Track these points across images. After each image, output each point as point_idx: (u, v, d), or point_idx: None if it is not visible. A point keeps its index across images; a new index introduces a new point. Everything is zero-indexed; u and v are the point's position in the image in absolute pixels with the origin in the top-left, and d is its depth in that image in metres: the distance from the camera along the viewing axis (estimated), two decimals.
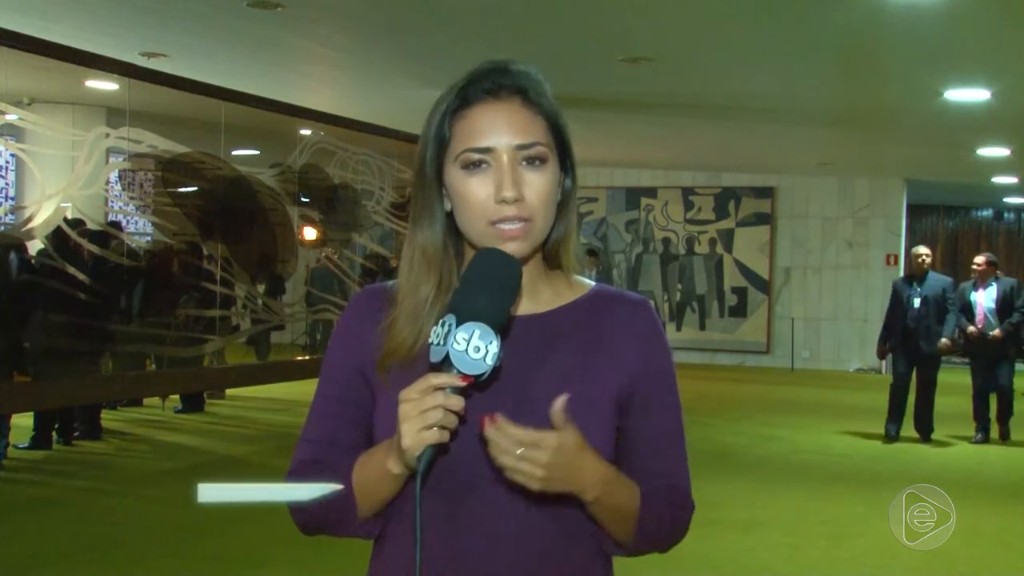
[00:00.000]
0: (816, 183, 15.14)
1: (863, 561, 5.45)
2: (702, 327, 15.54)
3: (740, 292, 15.39)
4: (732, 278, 15.42)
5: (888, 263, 14.76)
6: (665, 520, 1.35)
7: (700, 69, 7.76)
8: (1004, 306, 8.98)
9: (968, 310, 9.12)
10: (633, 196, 15.85)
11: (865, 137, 11.06)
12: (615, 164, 15.36)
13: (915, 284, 8.98)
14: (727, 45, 6.93)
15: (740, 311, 15.40)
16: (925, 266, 8.99)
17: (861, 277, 14.79)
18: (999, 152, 11.26)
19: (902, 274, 9.41)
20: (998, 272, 10.23)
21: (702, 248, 15.55)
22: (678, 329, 15.45)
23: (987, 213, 19.68)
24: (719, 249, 15.46)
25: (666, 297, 15.70)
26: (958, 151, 11.49)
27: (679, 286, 15.66)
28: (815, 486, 7.12)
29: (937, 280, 9.06)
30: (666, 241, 15.73)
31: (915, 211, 17.07)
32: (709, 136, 11.54)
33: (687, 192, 15.58)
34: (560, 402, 1.19)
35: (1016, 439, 9.35)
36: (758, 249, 15.27)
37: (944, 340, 8.83)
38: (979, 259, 9.38)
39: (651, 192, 15.78)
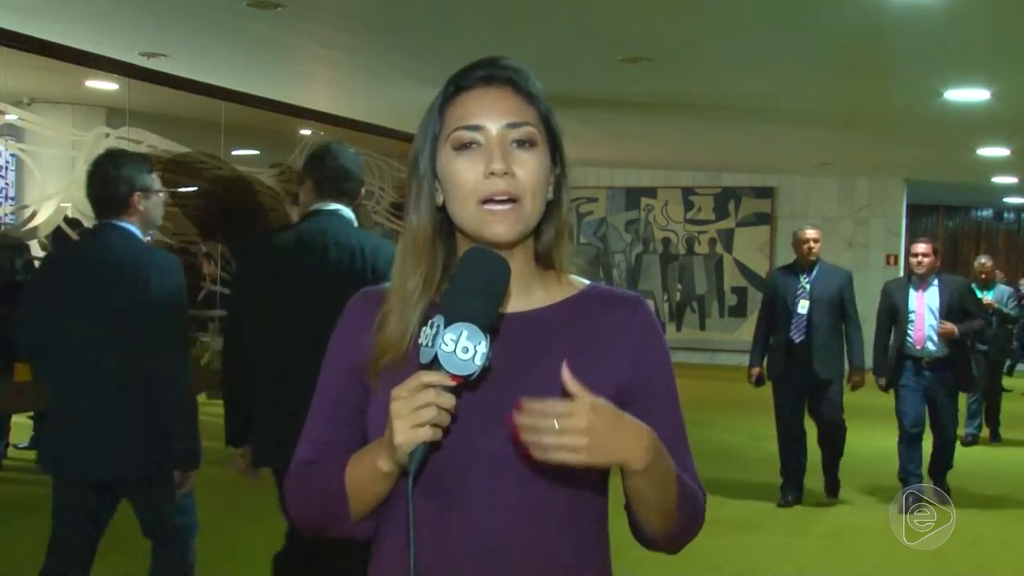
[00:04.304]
0: (816, 183, 15.14)
1: (863, 561, 5.45)
2: (702, 327, 15.54)
3: (740, 292, 15.39)
4: (732, 278, 15.42)
5: (888, 263, 14.76)
6: (692, 505, 1.35)
7: (700, 69, 7.76)
8: (951, 315, 6.26)
9: (900, 318, 6.38)
10: (633, 196, 15.85)
11: (865, 137, 11.05)
12: (615, 164, 15.35)
13: (801, 278, 6.39)
14: (727, 45, 6.93)
15: (740, 311, 15.39)
16: (814, 254, 6.40)
17: (861, 278, 14.72)
18: (999, 152, 11.26)
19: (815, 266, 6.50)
20: (993, 275, 9.74)
21: (702, 248, 15.55)
22: (678, 329, 15.45)
23: (987, 213, 19.70)
24: (719, 249, 15.46)
25: (666, 297, 15.70)
26: (958, 151, 11.48)
27: (679, 286, 15.66)
28: (815, 486, 7.12)
29: (831, 274, 6.45)
30: (666, 241, 15.73)
31: (915, 211, 17.09)
32: (709, 136, 11.54)
33: (687, 192, 15.58)
34: (566, 371, 1.17)
35: (1015, 439, 9.35)
36: (758, 249, 15.27)
37: (855, 371, 6.41)
38: (921, 246, 6.39)
39: (651, 192, 15.78)
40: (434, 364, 1.18)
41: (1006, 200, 18.34)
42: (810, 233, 6.43)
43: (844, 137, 11.14)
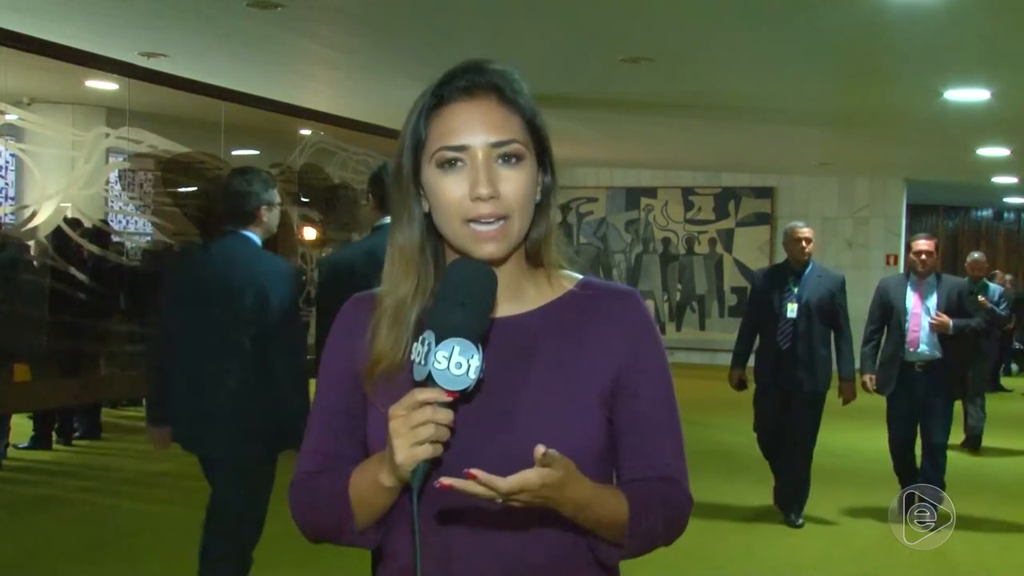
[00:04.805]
0: (816, 183, 15.14)
1: (863, 561, 5.45)
2: (702, 327, 15.54)
3: (740, 292, 15.38)
4: (732, 278, 15.41)
5: (888, 263, 14.75)
6: (658, 522, 1.32)
7: (700, 69, 7.76)
8: (952, 314, 5.88)
9: (896, 318, 6.00)
10: (633, 196, 15.84)
11: (865, 137, 11.05)
12: (615, 164, 15.35)
13: (791, 282, 5.96)
14: (727, 45, 6.93)
15: (740, 311, 15.37)
16: (807, 254, 5.96)
17: (861, 278, 14.76)
18: (999, 152, 11.26)
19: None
20: (986, 272, 9.36)
21: (702, 248, 15.54)
22: (678, 329, 15.45)
23: (987, 213, 19.70)
24: (719, 249, 15.46)
25: (666, 297, 15.70)
26: (958, 151, 11.48)
27: (679, 286, 15.66)
28: (815, 486, 7.09)
29: (823, 276, 6.01)
30: (666, 241, 15.73)
31: (915, 211, 17.09)
32: (709, 136, 11.54)
33: (687, 192, 15.58)
34: (539, 450, 1.16)
35: (1015, 439, 9.34)
36: (758, 249, 15.27)
37: (846, 383, 5.95)
38: (923, 243, 6.00)
39: (651, 192, 15.77)
40: (428, 381, 1.17)
41: (1006, 200, 18.34)
42: (805, 231, 5.97)
43: (844, 137, 11.14)
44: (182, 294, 3.75)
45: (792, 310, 5.85)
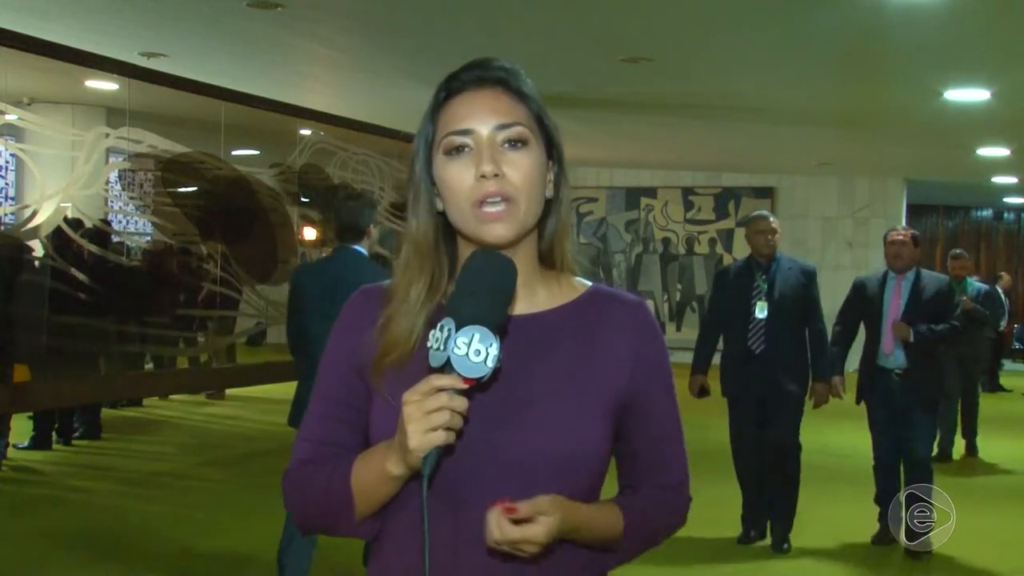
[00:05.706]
0: (816, 183, 15.14)
1: (863, 561, 5.45)
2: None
3: None
4: None
5: None
6: (655, 530, 1.40)
7: (700, 69, 7.76)
8: (924, 317, 5.36)
9: (872, 319, 5.55)
10: (633, 196, 15.84)
11: (865, 137, 11.06)
12: (615, 164, 15.36)
13: (759, 275, 5.41)
14: (727, 45, 6.94)
15: None
16: (771, 247, 5.41)
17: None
18: (999, 152, 11.27)
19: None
20: (968, 271, 8.86)
21: (702, 248, 15.54)
22: (678, 329, 15.44)
23: (987, 213, 19.70)
24: (719, 249, 15.45)
25: (666, 297, 15.69)
26: (958, 151, 11.49)
27: (679, 286, 15.66)
28: (815, 486, 7.10)
29: (791, 269, 5.44)
30: (666, 241, 15.73)
31: (915, 211, 17.08)
32: (709, 136, 11.54)
33: (687, 192, 15.58)
34: (522, 506, 1.22)
35: (1016, 438, 9.34)
36: None
37: (820, 383, 5.45)
38: (899, 234, 5.57)
39: (651, 192, 15.77)
40: (446, 367, 1.17)
41: (1006, 200, 18.34)
42: (770, 222, 5.44)
43: (844, 137, 11.14)
44: (309, 301, 4.15)
45: (762, 309, 5.30)
